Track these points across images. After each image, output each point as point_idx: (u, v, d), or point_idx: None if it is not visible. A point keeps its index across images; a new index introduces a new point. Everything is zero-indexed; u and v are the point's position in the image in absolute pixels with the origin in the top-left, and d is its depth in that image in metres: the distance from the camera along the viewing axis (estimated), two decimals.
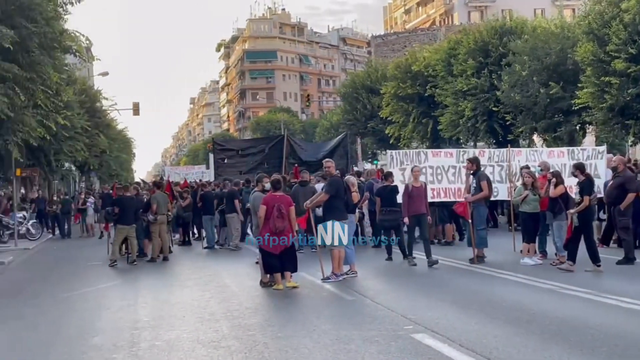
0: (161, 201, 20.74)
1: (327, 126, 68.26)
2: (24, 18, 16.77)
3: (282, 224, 13.65)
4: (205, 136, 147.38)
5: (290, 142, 30.43)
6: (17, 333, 11.41)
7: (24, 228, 29.87)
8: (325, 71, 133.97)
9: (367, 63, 66.51)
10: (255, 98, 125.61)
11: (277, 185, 14.40)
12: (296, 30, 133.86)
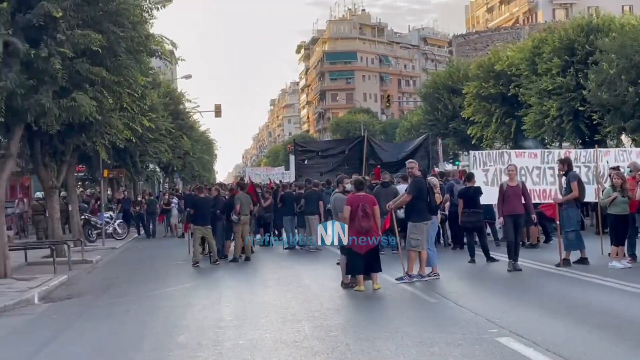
0: (244, 202, 21.01)
1: (407, 127, 67.79)
2: (112, 23, 17.16)
3: (367, 223, 13.65)
4: (285, 137, 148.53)
5: (370, 143, 30.41)
6: (106, 331, 11.72)
7: (111, 228, 30.70)
8: (405, 71, 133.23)
9: (448, 63, 65.84)
10: (335, 99, 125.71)
11: (359, 186, 14.43)
12: (376, 31, 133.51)
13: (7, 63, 15.55)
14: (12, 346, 10.96)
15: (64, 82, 16.31)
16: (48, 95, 16.31)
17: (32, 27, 15.89)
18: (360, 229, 13.67)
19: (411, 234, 14.80)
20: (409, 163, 15.92)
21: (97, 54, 16.69)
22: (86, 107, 16.69)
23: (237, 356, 9.28)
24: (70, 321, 12.73)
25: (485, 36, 78.11)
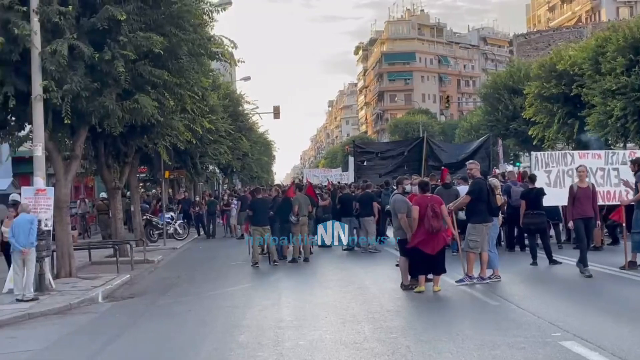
0: (302, 203, 21.10)
1: (467, 127, 67.19)
2: (173, 26, 17.39)
3: (437, 223, 13.60)
4: (343, 139, 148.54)
5: (429, 144, 30.25)
6: (168, 330, 11.89)
7: (172, 228, 31.14)
8: (465, 72, 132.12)
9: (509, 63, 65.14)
10: (393, 100, 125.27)
11: (425, 187, 14.38)
12: (435, 31, 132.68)
13: (72, 66, 15.90)
14: (78, 344, 11.22)
15: (127, 84, 16.62)
16: (112, 97, 16.63)
17: (96, 31, 16.21)
18: (430, 228, 13.60)
19: (469, 236, 14.69)
20: (469, 164, 15.80)
21: (159, 56, 16.95)
22: (148, 108, 16.97)
23: (297, 357, 9.32)
24: (133, 320, 12.96)
25: (547, 35, 76.87)
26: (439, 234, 13.76)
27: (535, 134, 44.40)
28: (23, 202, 16.44)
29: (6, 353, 10.68)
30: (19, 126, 18.38)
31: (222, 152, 36.42)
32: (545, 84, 41.88)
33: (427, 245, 13.74)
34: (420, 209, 13.78)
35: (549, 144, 43.77)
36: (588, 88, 37.70)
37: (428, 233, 13.66)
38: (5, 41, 15.19)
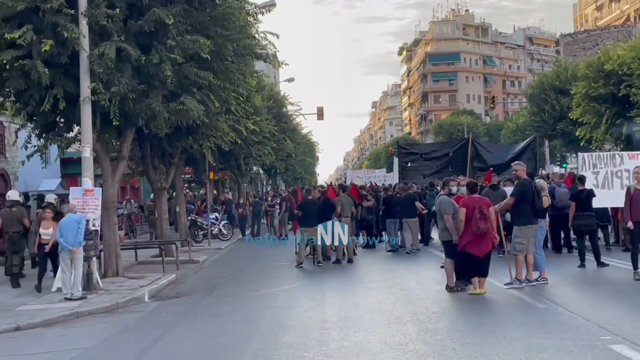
0: (345, 204, 21.11)
1: (512, 128, 66.50)
2: (219, 27, 17.52)
3: (485, 225, 13.47)
4: (387, 140, 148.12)
5: (475, 145, 30.00)
6: (214, 330, 11.98)
7: (217, 229, 31.37)
8: (510, 72, 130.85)
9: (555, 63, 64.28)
10: (438, 101, 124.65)
11: (473, 188, 14.28)
12: (480, 31, 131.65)
13: (119, 68, 16.12)
14: (125, 343, 11.35)
15: (173, 86, 16.79)
16: (158, 99, 16.82)
17: (143, 34, 16.42)
18: (478, 230, 13.48)
19: (515, 238, 14.56)
20: (514, 165, 15.64)
21: (204, 58, 17.09)
22: (194, 110, 17.11)
23: (342, 357, 9.32)
24: (179, 319, 13.06)
25: (594, 35, 75.74)
26: (487, 235, 13.62)
27: (582, 135, 43.78)
28: (71, 203, 16.72)
29: (55, 351, 10.86)
30: (67, 127, 18.67)
31: (266, 153, 36.57)
32: (593, 84, 41.26)
33: (475, 247, 13.62)
34: (467, 210, 13.66)
35: (597, 145, 43.12)
36: (637, 88, 37.07)
37: (476, 235, 13.54)
38: (55, 44, 15.44)
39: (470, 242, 13.63)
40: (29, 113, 17.22)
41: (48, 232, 16.58)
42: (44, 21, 15.61)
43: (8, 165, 36.39)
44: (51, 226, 16.51)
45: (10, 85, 16.21)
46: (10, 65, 15.63)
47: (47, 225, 16.70)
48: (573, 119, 45.24)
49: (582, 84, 42.92)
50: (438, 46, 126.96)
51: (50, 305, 14.69)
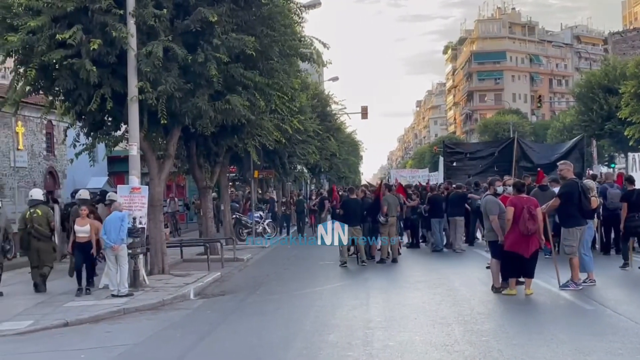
0: (391, 203, 21.03)
1: (559, 128, 65.68)
2: (265, 26, 17.57)
3: (533, 226, 13.30)
4: (431, 139, 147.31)
5: (520, 145, 29.67)
6: (258, 328, 12.02)
7: (261, 227, 31.52)
8: (557, 71, 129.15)
9: (603, 61, 63.25)
10: (483, 100, 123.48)
11: (521, 188, 14.11)
12: (526, 30, 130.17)
13: (166, 68, 16.26)
14: (171, 339, 11.45)
15: (219, 85, 16.88)
16: (204, 98, 16.93)
17: (190, 33, 16.54)
18: (525, 231, 13.31)
19: (564, 240, 14.33)
20: (560, 164, 15.34)
21: (250, 57, 17.15)
22: (240, 109, 17.20)
23: (387, 357, 9.29)
24: (224, 317, 13.15)
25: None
26: (534, 236, 13.45)
27: (631, 135, 43.13)
28: (117, 201, 16.90)
29: (103, 347, 11.01)
30: (115, 126, 18.89)
31: (310, 152, 36.57)
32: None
33: (521, 248, 13.45)
34: (515, 210, 13.48)
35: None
36: None
37: (522, 235, 13.37)
38: (103, 43, 15.63)
39: (517, 242, 13.46)
40: (78, 112, 17.45)
41: (84, 230, 15.77)
42: (92, 21, 15.81)
43: (57, 163, 37.06)
44: (87, 223, 15.82)
45: (60, 84, 16.45)
46: (59, 65, 15.88)
47: (82, 223, 15.84)
48: (621, 118, 44.58)
49: (631, 83, 42.26)
50: (484, 45, 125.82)
51: (97, 302, 14.90)
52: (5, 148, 32.02)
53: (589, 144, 49.83)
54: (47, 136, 36.38)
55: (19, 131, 32.53)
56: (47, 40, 15.44)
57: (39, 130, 35.23)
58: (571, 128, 57.07)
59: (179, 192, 43.95)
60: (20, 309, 14.33)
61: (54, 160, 36.89)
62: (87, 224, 15.76)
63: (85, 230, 15.70)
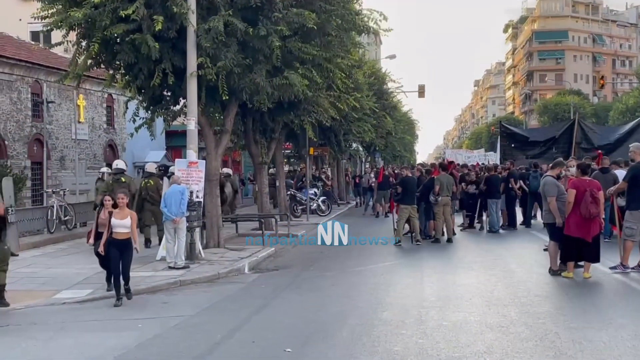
0: (445, 182, 20.88)
1: (622, 110, 64.38)
2: (323, 1, 17.50)
3: (595, 209, 13.11)
4: (489, 119, 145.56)
5: (581, 127, 29.24)
6: (312, 303, 12.11)
7: (315, 204, 31.62)
8: (620, 51, 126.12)
9: None
10: (543, 80, 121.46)
11: (585, 169, 13.86)
12: (590, 9, 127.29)
13: (226, 43, 16.32)
14: (227, 311, 11.61)
15: (277, 61, 16.89)
16: (262, 74, 16.97)
17: (249, 8, 16.56)
18: (587, 214, 13.12)
19: (626, 222, 14.11)
20: (632, 146, 14.97)
21: (308, 33, 17.13)
22: (298, 85, 17.20)
23: (441, 337, 9.25)
24: (278, 292, 13.26)
25: None
26: (595, 219, 13.23)
27: None
28: (175, 174, 17.14)
29: (159, 317, 11.20)
30: (173, 101, 19.09)
31: (366, 130, 36.39)
32: None
33: (582, 231, 13.25)
34: (578, 193, 13.26)
35: None
36: None
37: (584, 218, 13.16)
38: (164, 19, 15.78)
39: (578, 225, 13.25)
40: (138, 86, 17.67)
41: (125, 224, 12.25)
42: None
43: (116, 136, 37.65)
44: (128, 215, 12.38)
45: (121, 58, 16.64)
46: (121, 39, 16.08)
47: (122, 215, 12.34)
48: None
49: None
50: (545, 23, 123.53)
51: (154, 273, 15.17)
52: (67, 121, 32.65)
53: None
54: (108, 109, 36.97)
55: (81, 104, 33.10)
56: (110, 14, 15.62)
57: (99, 104, 35.83)
58: (634, 110, 55.98)
59: (234, 168, 44.23)
60: (80, 278, 14.65)
61: (113, 133, 37.49)
62: (128, 216, 12.35)
63: (126, 224, 12.26)
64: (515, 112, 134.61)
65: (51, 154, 31.53)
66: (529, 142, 31.33)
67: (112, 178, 19.53)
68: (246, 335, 9.67)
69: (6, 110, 28.47)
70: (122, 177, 19.56)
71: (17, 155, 28.75)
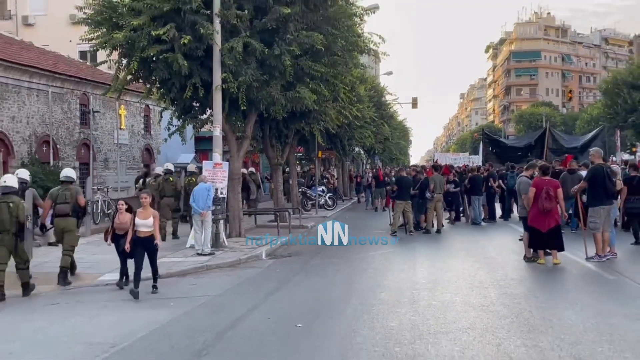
0: (438, 182, 20.87)
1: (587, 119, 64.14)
2: (330, 26, 17.48)
3: (549, 204, 13.09)
4: (472, 127, 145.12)
5: (552, 133, 29.24)
6: (320, 286, 12.07)
7: (323, 200, 31.56)
8: (586, 69, 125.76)
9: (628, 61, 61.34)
10: (519, 93, 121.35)
11: (545, 171, 13.84)
12: (560, 32, 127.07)
13: (245, 61, 16.31)
14: (246, 292, 11.58)
15: (290, 77, 16.86)
16: (277, 88, 16.96)
17: (266, 31, 16.54)
18: (542, 208, 13.12)
19: (590, 217, 14.02)
20: (591, 151, 15.10)
21: (317, 53, 17.10)
22: (307, 98, 17.19)
23: (431, 315, 9.20)
24: (291, 275, 13.21)
25: None
26: (550, 213, 13.22)
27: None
28: (203, 173, 17.15)
29: (188, 297, 11.18)
30: (201, 110, 19.10)
31: (367, 136, 36.25)
32: None
33: (539, 223, 13.29)
34: (537, 190, 13.29)
35: None
36: None
37: (541, 212, 13.18)
38: (192, 39, 15.76)
39: (536, 217, 13.31)
40: (171, 98, 17.67)
41: (147, 223, 11.34)
42: (184, 20, 15.95)
43: (152, 141, 37.67)
44: (151, 215, 11.45)
45: (156, 74, 16.68)
46: (156, 58, 16.08)
47: (145, 215, 11.42)
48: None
49: None
50: (521, 45, 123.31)
51: (184, 259, 15.14)
52: (110, 128, 32.68)
53: (613, 134, 48.67)
54: (145, 118, 36.98)
55: (122, 113, 33.14)
56: (147, 36, 15.63)
57: (138, 113, 35.84)
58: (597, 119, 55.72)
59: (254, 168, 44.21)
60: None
61: (150, 138, 37.50)
62: (150, 216, 11.46)
63: (148, 224, 11.39)
64: (495, 121, 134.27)
65: (96, 156, 31.56)
66: (508, 148, 31.32)
67: (163, 177, 19.68)
68: (263, 312, 9.64)
69: (58, 119, 28.53)
70: (170, 177, 19.69)
71: (67, 157, 28.79)
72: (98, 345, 7.93)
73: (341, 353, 7.34)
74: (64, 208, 12.83)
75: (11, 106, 25.66)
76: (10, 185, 11.46)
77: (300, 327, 8.61)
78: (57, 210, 12.99)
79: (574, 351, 7.16)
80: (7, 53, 26.17)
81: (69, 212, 12.82)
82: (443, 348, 7.44)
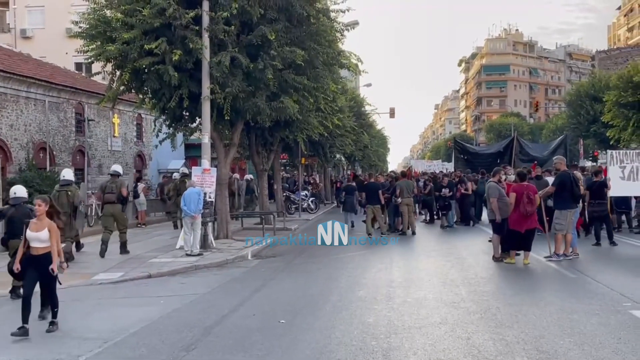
0: (404, 187, 20.94)
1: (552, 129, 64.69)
2: (312, 41, 17.54)
3: (531, 208, 13.22)
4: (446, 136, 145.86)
5: (519, 142, 29.44)
6: (302, 284, 12.06)
7: (306, 203, 31.58)
8: (552, 82, 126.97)
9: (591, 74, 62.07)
10: (490, 104, 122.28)
11: (523, 177, 13.96)
12: (527, 47, 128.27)
13: (232, 73, 16.33)
14: (233, 290, 11.57)
15: (275, 88, 16.91)
16: (262, 98, 16.99)
17: (252, 46, 16.57)
18: (525, 212, 13.23)
19: (556, 219, 14.19)
20: (555, 159, 15.28)
21: (300, 66, 17.15)
22: (291, 108, 17.23)
23: (405, 311, 9.24)
24: (275, 274, 13.22)
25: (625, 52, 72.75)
26: (531, 216, 13.34)
27: (612, 136, 42.34)
28: (192, 179, 17.12)
29: (178, 295, 11.15)
30: (191, 119, 19.07)
31: (347, 144, 36.43)
32: (623, 93, 39.81)
33: (520, 226, 13.37)
34: (517, 195, 13.40)
35: (624, 144, 41.60)
36: None
37: (522, 215, 13.28)
38: (182, 53, 15.77)
39: (517, 221, 13.38)
40: (162, 107, 17.64)
41: (40, 237, 8.23)
42: (174, 34, 15.94)
43: (145, 148, 37.54)
44: (45, 227, 8.30)
45: (148, 85, 16.64)
46: (148, 69, 16.06)
47: (38, 227, 8.29)
48: (604, 122, 43.78)
49: (613, 93, 41.44)
50: (491, 59, 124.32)
51: (174, 259, 15.11)
52: (104, 135, 32.53)
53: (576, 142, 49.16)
54: (137, 126, 36.86)
55: (115, 122, 33.03)
56: (138, 49, 15.61)
57: (130, 121, 35.71)
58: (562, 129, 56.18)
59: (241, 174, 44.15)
60: (113, 263, 14.60)
61: (142, 145, 37.36)
62: (45, 228, 8.30)
63: (41, 237, 8.26)
64: (467, 130, 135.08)
65: (91, 162, 31.39)
66: (478, 155, 31.54)
67: (179, 179, 20.64)
68: (248, 309, 9.64)
69: (54, 127, 28.35)
70: (186, 179, 20.05)
71: (62, 163, 28.59)
72: (92, 341, 7.90)
73: (321, 347, 7.37)
74: (111, 197, 15.59)
75: (10, 114, 25.48)
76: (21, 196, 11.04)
77: (283, 322, 8.63)
78: (105, 198, 15.67)
79: (538, 344, 7.25)
80: (6, 64, 25.99)
81: (114, 200, 15.54)
82: (416, 342, 7.49)
